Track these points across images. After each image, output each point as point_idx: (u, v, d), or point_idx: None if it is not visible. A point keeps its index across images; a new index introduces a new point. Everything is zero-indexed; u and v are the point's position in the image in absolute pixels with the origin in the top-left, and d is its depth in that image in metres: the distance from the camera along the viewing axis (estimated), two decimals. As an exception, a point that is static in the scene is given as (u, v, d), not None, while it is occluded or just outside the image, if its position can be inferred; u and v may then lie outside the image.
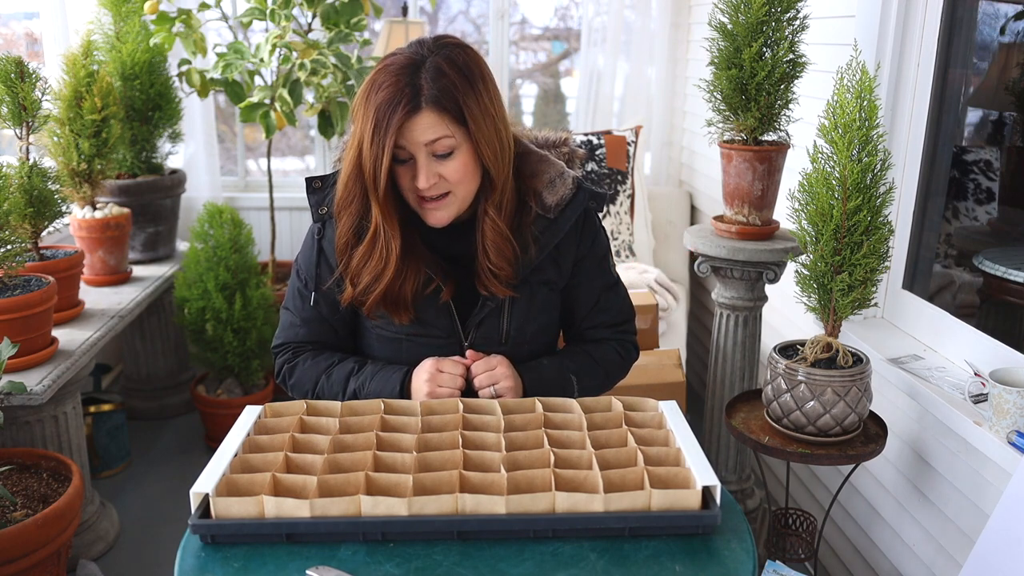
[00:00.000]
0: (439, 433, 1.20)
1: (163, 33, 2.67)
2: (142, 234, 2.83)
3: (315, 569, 0.98)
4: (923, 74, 1.88)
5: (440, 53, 1.28)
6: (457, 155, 1.29)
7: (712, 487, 1.05)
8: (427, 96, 1.25)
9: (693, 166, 3.35)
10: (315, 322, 1.47)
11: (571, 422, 1.25)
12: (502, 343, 1.42)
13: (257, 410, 1.28)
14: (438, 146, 1.27)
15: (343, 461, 1.13)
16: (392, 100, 1.24)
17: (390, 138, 1.24)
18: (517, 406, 1.29)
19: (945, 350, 1.82)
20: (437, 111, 1.25)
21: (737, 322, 2.03)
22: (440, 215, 1.34)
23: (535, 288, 1.43)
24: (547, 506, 1.03)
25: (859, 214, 1.49)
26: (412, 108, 1.24)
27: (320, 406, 1.29)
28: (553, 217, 1.39)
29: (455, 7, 3.79)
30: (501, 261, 1.35)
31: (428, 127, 1.25)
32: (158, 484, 2.67)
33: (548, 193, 1.40)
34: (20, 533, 1.73)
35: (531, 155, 1.43)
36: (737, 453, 2.16)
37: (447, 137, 1.27)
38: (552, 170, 1.41)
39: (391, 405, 1.29)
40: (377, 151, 1.25)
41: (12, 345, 1.77)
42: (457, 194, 1.32)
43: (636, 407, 1.30)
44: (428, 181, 1.28)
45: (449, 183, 1.30)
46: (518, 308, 1.42)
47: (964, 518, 1.61)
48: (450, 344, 1.42)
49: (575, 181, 1.41)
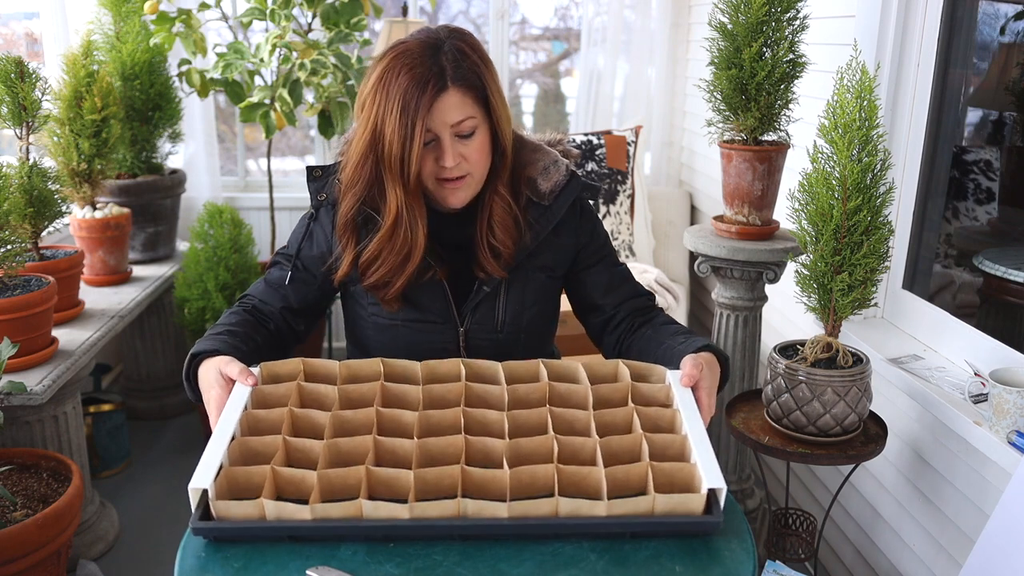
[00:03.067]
0: (441, 410, 1.19)
1: (163, 33, 2.67)
2: (142, 234, 2.83)
3: (315, 569, 0.98)
4: (923, 74, 1.88)
5: (454, 37, 1.31)
6: (478, 135, 1.32)
7: (717, 490, 1.04)
8: (452, 76, 1.27)
9: (693, 166, 3.35)
10: (276, 287, 1.45)
11: (576, 394, 1.24)
12: (497, 330, 1.43)
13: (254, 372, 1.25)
14: (463, 126, 1.29)
15: (344, 446, 1.12)
16: (419, 81, 1.25)
17: (420, 119, 1.25)
18: (523, 372, 1.27)
19: (945, 350, 1.81)
20: (462, 91, 1.28)
21: (737, 322, 2.03)
22: (461, 195, 1.35)
23: (531, 274, 1.43)
24: (549, 511, 1.03)
25: (859, 214, 1.49)
26: (440, 88, 1.26)
27: (318, 367, 1.27)
28: (548, 204, 1.41)
29: (455, 7, 3.79)
30: (506, 238, 1.37)
31: (455, 107, 1.28)
32: (158, 484, 2.67)
33: (542, 180, 1.41)
34: (20, 533, 1.73)
35: (526, 144, 1.45)
36: (737, 453, 2.16)
37: (470, 117, 1.30)
38: (546, 158, 1.43)
39: (391, 370, 1.27)
40: (406, 132, 1.26)
41: (12, 345, 1.77)
42: (475, 175, 1.35)
43: (644, 375, 1.29)
44: (454, 160, 1.30)
45: (470, 163, 1.32)
46: (514, 294, 1.42)
47: (964, 518, 1.61)
48: (446, 330, 1.42)
49: (568, 168, 1.43)
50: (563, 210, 1.42)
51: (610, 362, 1.30)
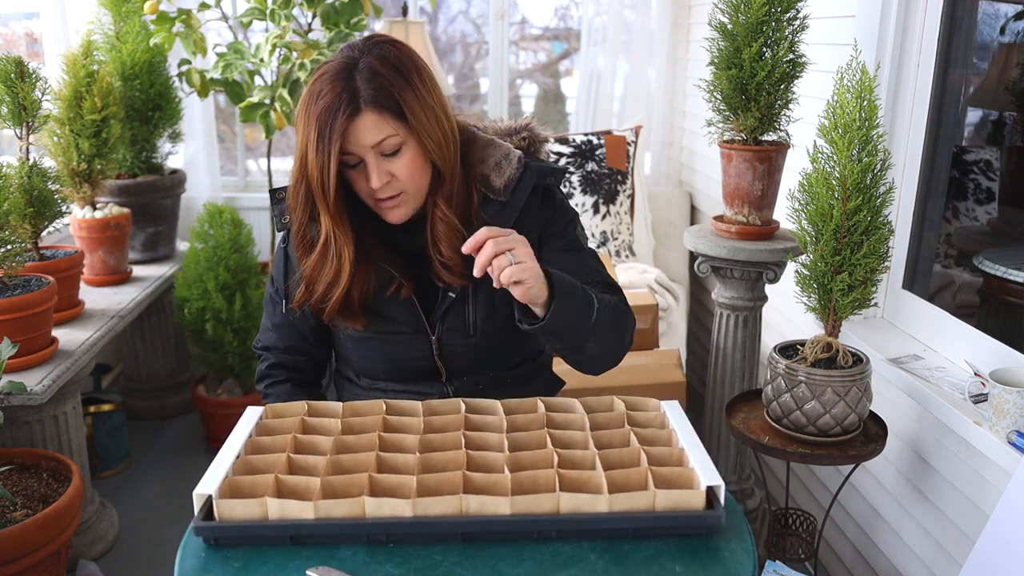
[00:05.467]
0: (441, 434, 1.20)
1: (163, 33, 2.67)
2: (142, 234, 2.83)
3: (315, 569, 0.98)
4: (923, 74, 1.88)
5: (371, 53, 1.27)
6: (404, 151, 1.29)
7: (716, 487, 1.05)
8: (365, 97, 1.24)
9: (693, 166, 3.35)
10: (285, 327, 1.50)
11: (574, 422, 1.25)
12: (470, 334, 1.42)
13: (258, 411, 1.28)
14: (384, 146, 1.27)
15: (346, 462, 1.13)
16: (331, 107, 1.24)
17: (335, 144, 1.24)
18: (519, 406, 1.28)
19: (945, 350, 1.81)
20: (377, 111, 1.25)
21: (737, 322, 2.03)
22: (399, 212, 1.34)
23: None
24: (551, 507, 1.03)
25: (859, 214, 1.49)
26: (352, 112, 1.24)
27: (321, 407, 1.29)
28: (505, 199, 1.38)
29: (455, 7, 3.79)
30: (452, 253, 1.34)
31: (371, 128, 1.25)
32: (158, 484, 2.67)
33: (495, 176, 1.38)
34: (20, 533, 1.73)
35: (477, 141, 1.42)
36: (737, 453, 2.16)
37: (391, 136, 1.27)
38: (498, 152, 1.40)
39: (392, 405, 1.29)
40: (324, 159, 1.25)
41: (12, 345, 1.77)
42: (410, 191, 1.32)
43: (638, 407, 1.30)
44: (380, 180, 1.28)
45: (401, 181, 1.30)
46: (483, 297, 1.41)
47: (964, 518, 1.61)
48: (418, 339, 1.42)
49: (520, 160, 1.39)
50: (521, 202, 1.38)
51: (605, 398, 1.31)
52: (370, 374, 1.49)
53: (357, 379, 1.52)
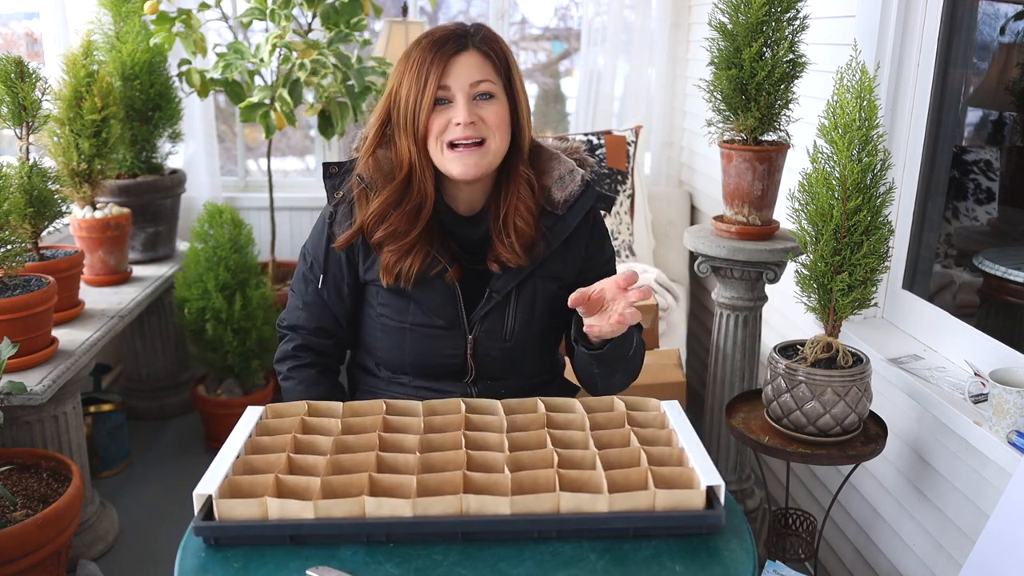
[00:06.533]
0: (441, 433, 1.20)
1: (163, 33, 2.67)
2: (142, 234, 2.83)
3: (315, 569, 0.98)
4: (923, 74, 1.88)
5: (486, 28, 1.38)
6: (496, 102, 1.34)
7: (716, 487, 1.06)
8: (475, 40, 1.33)
9: (693, 166, 3.35)
10: (316, 306, 1.48)
11: (574, 422, 1.25)
12: (506, 339, 1.43)
13: (258, 411, 1.28)
14: (481, 87, 1.32)
15: (346, 462, 1.14)
16: (442, 39, 1.32)
17: (435, 73, 1.29)
18: (519, 406, 1.29)
19: (945, 350, 1.81)
20: (483, 55, 1.32)
21: (737, 322, 2.03)
22: (470, 161, 1.33)
23: (540, 283, 1.43)
24: (551, 506, 1.03)
25: (859, 214, 1.49)
26: (459, 48, 1.31)
27: (321, 407, 1.29)
28: (561, 214, 1.41)
29: (455, 7, 3.79)
30: (528, 215, 1.37)
31: (474, 66, 1.31)
32: (158, 484, 2.67)
33: (557, 189, 1.41)
34: (20, 533, 1.73)
35: (543, 152, 1.45)
36: (737, 453, 2.16)
37: (490, 81, 1.32)
38: (562, 167, 1.43)
39: (393, 405, 1.29)
40: (421, 84, 1.31)
41: (12, 345, 1.77)
42: (491, 145, 1.34)
43: (638, 407, 1.30)
44: (469, 116, 1.31)
45: (487, 125, 1.32)
46: (523, 303, 1.42)
47: (964, 518, 1.61)
48: (453, 336, 1.42)
49: (583, 179, 1.42)
50: (576, 220, 1.41)
51: (605, 398, 1.32)
52: (394, 367, 1.48)
53: (377, 370, 1.51)
